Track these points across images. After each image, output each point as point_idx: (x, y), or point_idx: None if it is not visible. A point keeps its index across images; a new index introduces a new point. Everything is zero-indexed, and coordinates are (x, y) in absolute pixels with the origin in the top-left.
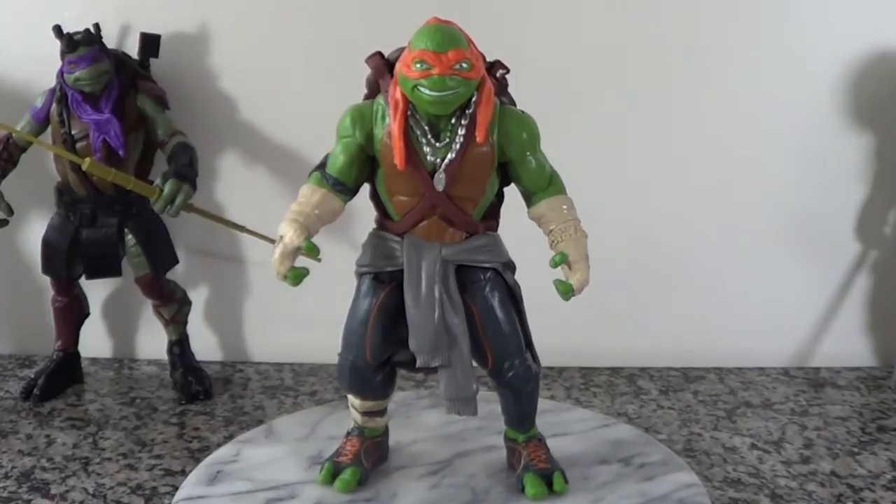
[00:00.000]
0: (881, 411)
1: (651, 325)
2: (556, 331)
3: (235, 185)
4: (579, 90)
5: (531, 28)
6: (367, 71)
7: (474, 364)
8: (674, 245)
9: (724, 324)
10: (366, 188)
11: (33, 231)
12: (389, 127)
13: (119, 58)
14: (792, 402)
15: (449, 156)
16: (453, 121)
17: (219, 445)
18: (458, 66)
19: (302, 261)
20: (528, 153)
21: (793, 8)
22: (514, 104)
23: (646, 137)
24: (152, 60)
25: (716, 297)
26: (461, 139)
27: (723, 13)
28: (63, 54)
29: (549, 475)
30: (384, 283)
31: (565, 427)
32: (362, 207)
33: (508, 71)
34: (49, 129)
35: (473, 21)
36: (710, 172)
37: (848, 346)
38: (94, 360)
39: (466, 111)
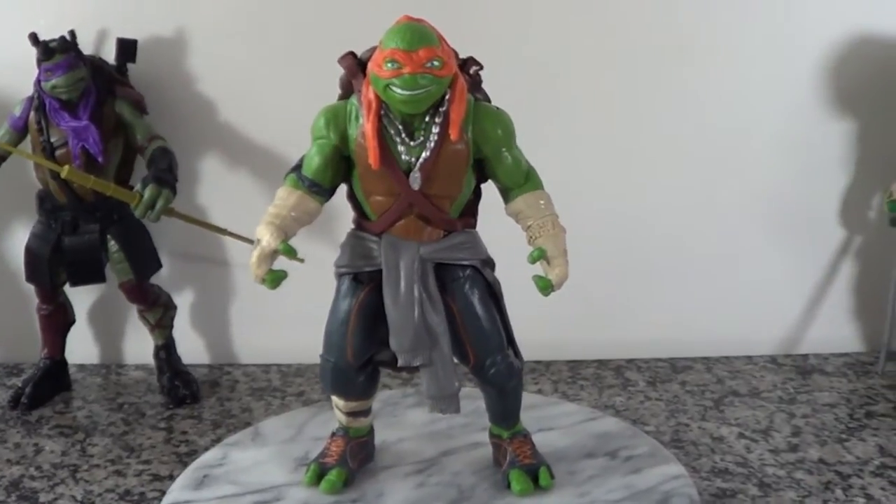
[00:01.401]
0: (869, 397)
1: (638, 316)
2: (543, 325)
3: (216, 188)
4: (563, 81)
5: (520, 18)
6: (341, 71)
7: (457, 362)
8: (659, 235)
9: (710, 313)
10: (343, 188)
11: (16, 239)
12: (363, 127)
13: (96, 64)
14: (780, 390)
15: (424, 154)
16: (427, 119)
17: (206, 449)
18: (429, 65)
19: (284, 263)
20: (503, 149)
21: None
22: (489, 100)
23: (630, 128)
24: (129, 65)
25: (702, 286)
26: (435, 137)
27: (705, 3)
28: (39, 62)
29: (535, 470)
30: (363, 283)
31: (551, 421)
32: (343, 206)
33: (482, 67)
34: (28, 137)
35: (454, 14)
36: (694, 162)
37: (835, 331)
38: (81, 367)
39: (440, 109)
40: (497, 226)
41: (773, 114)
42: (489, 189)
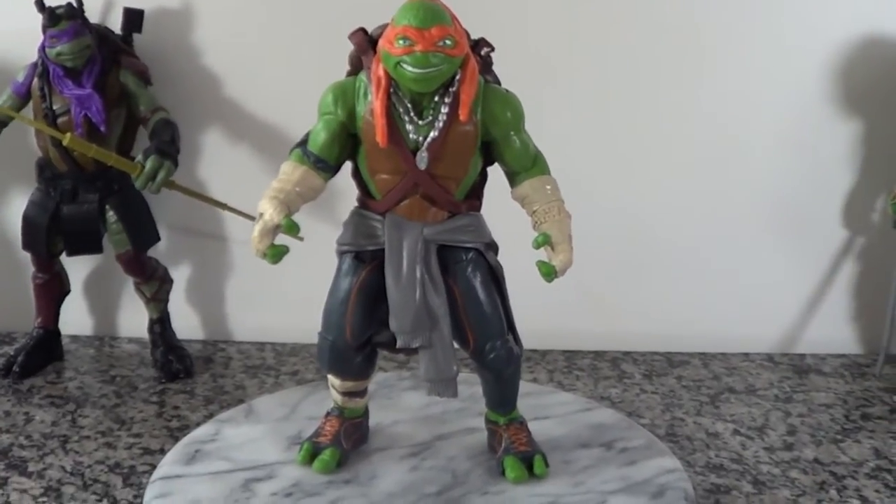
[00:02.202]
0: (865, 399)
1: (635, 309)
2: (541, 313)
3: (218, 162)
4: (568, 76)
5: (522, 11)
6: (351, 47)
7: (455, 345)
8: (660, 229)
9: (709, 309)
10: (348, 166)
11: (14, 207)
12: (372, 104)
13: (101, 33)
14: (776, 389)
15: (432, 134)
16: (436, 99)
17: (198, 424)
18: (441, 43)
19: (284, 240)
20: (512, 132)
21: None
22: (499, 83)
23: (633, 123)
24: (135, 36)
25: (701, 282)
26: (444, 117)
27: (710, 1)
28: (45, 28)
29: (530, 458)
30: (365, 262)
31: (547, 410)
32: (346, 186)
33: (493, 49)
34: (30, 104)
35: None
36: (696, 158)
37: (833, 332)
38: (74, 338)
39: (450, 89)
40: (502, 210)
41: (776, 113)
42: (494, 172)
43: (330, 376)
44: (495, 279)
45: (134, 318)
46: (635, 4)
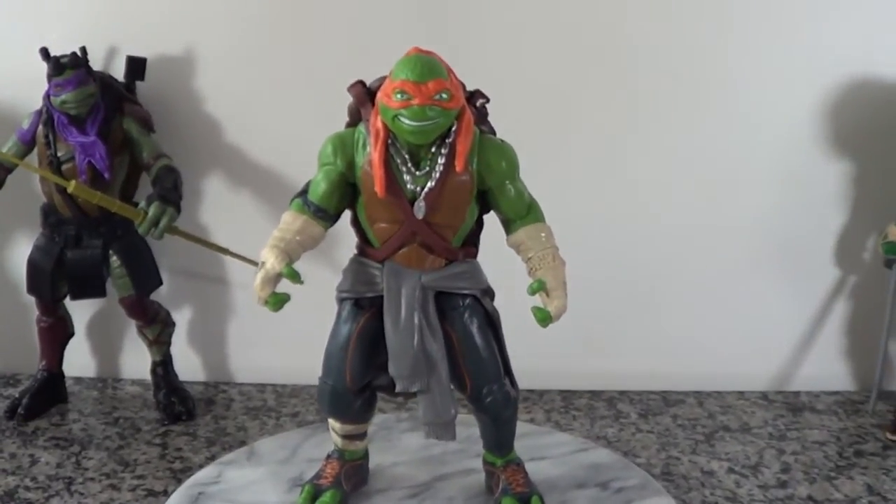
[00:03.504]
0: (859, 436)
1: (631, 348)
2: (537, 354)
3: (219, 208)
4: (562, 109)
5: (517, 62)
6: (350, 99)
7: (453, 389)
8: (654, 268)
9: (703, 347)
10: (347, 214)
11: (19, 251)
12: (370, 155)
13: (105, 80)
14: (770, 427)
15: (429, 184)
16: (433, 150)
17: (201, 466)
18: (438, 97)
19: (285, 286)
20: (507, 182)
21: (776, 33)
22: (494, 133)
23: (626, 163)
24: (138, 83)
25: (696, 321)
26: (441, 168)
27: (707, 36)
28: (49, 77)
29: (527, 499)
30: (364, 308)
31: (543, 451)
32: (345, 232)
33: (488, 100)
34: (35, 151)
35: (455, 48)
36: (689, 196)
37: (827, 370)
38: (78, 380)
39: (446, 140)
40: (497, 255)
41: (770, 152)
42: (490, 219)
43: (330, 420)
44: (492, 324)
45: (137, 361)
46: (627, 46)
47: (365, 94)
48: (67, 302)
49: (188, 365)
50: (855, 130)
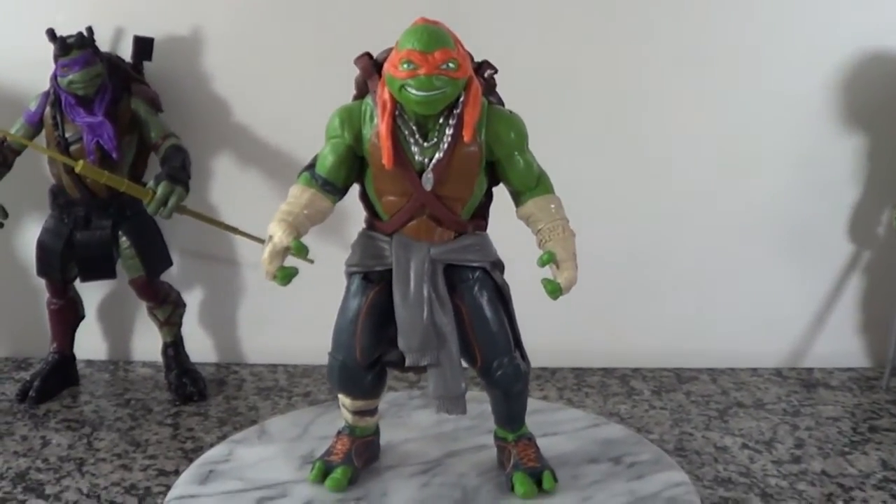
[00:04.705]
0: (873, 412)
1: (644, 325)
2: (549, 331)
3: (228, 187)
4: (571, 91)
5: (520, 26)
6: (356, 72)
7: (464, 363)
8: (666, 246)
9: (717, 324)
10: (355, 188)
11: (28, 233)
12: (378, 127)
13: (112, 61)
14: (784, 403)
15: (437, 155)
16: (441, 121)
17: (212, 446)
18: (444, 66)
19: (293, 262)
20: (515, 153)
21: (787, 10)
22: (503, 104)
23: (638, 138)
24: (146, 63)
25: (709, 298)
26: (449, 139)
27: (716, 16)
28: (56, 58)
29: (539, 474)
30: (373, 282)
31: (556, 426)
32: (355, 207)
33: (496, 71)
34: (43, 132)
35: (463, 20)
36: (702, 173)
37: (841, 346)
38: (89, 362)
39: (454, 111)
40: (507, 228)
41: (783, 128)
42: (500, 191)
43: (341, 396)
44: (501, 297)
45: (148, 342)
46: (639, 25)
47: (371, 66)
48: (78, 284)
49: (199, 346)
50: (867, 106)
